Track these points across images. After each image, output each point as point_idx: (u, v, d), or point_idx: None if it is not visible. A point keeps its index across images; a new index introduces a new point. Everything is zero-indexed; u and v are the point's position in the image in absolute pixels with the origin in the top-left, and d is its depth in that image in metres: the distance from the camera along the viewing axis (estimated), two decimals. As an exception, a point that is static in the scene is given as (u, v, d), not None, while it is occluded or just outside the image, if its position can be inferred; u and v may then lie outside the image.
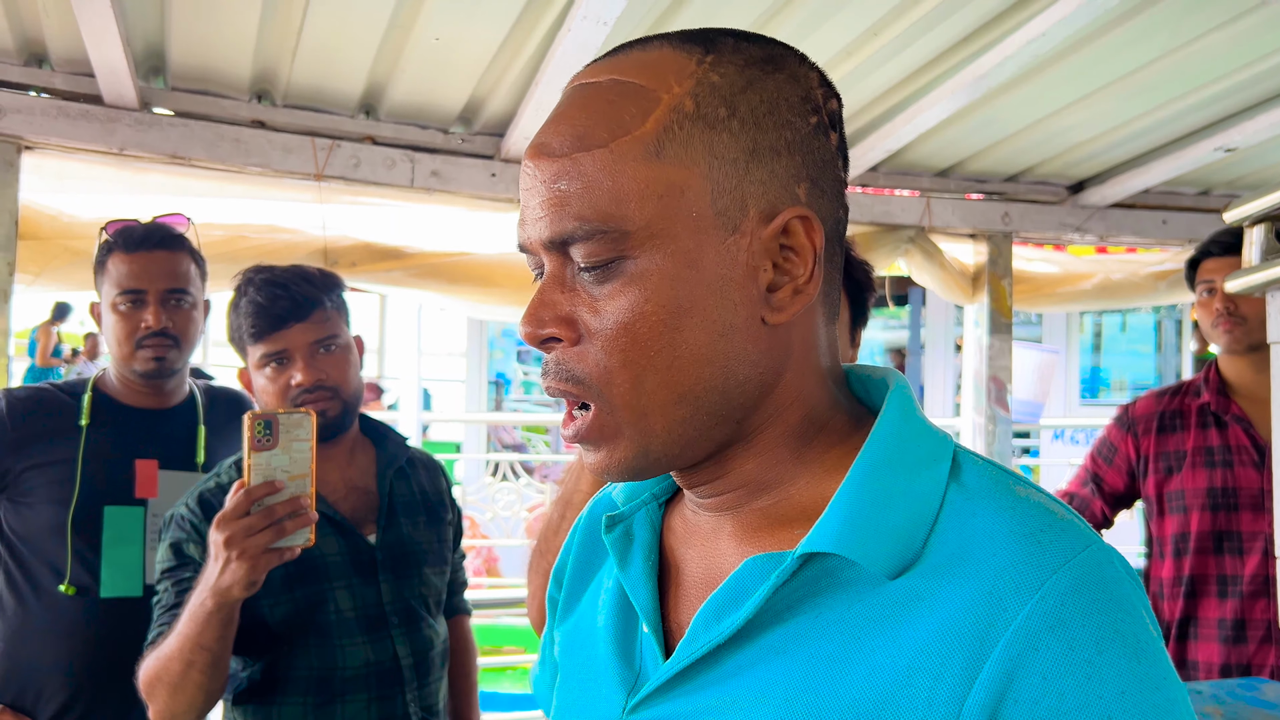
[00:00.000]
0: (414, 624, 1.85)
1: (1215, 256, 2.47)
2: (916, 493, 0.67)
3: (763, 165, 0.69)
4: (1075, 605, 0.60)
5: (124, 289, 2.05)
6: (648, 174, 0.67)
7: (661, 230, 0.67)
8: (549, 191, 0.69)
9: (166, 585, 1.74)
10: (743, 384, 0.70)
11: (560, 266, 0.70)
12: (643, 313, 0.67)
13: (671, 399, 0.69)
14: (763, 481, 0.73)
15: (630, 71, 0.70)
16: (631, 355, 0.68)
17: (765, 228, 0.69)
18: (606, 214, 0.67)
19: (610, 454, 0.71)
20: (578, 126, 0.69)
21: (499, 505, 6.43)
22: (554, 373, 0.71)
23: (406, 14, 2.43)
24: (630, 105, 0.68)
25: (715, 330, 0.68)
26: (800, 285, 0.70)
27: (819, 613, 0.66)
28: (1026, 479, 0.70)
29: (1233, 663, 2.35)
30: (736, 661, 0.68)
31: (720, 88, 0.69)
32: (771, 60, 0.71)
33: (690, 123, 0.68)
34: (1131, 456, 2.56)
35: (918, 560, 0.65)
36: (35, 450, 2.02)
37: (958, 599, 0.62)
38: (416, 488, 1.97)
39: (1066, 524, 0.64)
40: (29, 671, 2.03)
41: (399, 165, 2.96)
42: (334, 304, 1.85)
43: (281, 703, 1.75)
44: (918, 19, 2.48)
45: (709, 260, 0.68)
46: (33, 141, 2.64)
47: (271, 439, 1.54)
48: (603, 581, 0.85)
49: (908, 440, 0.70)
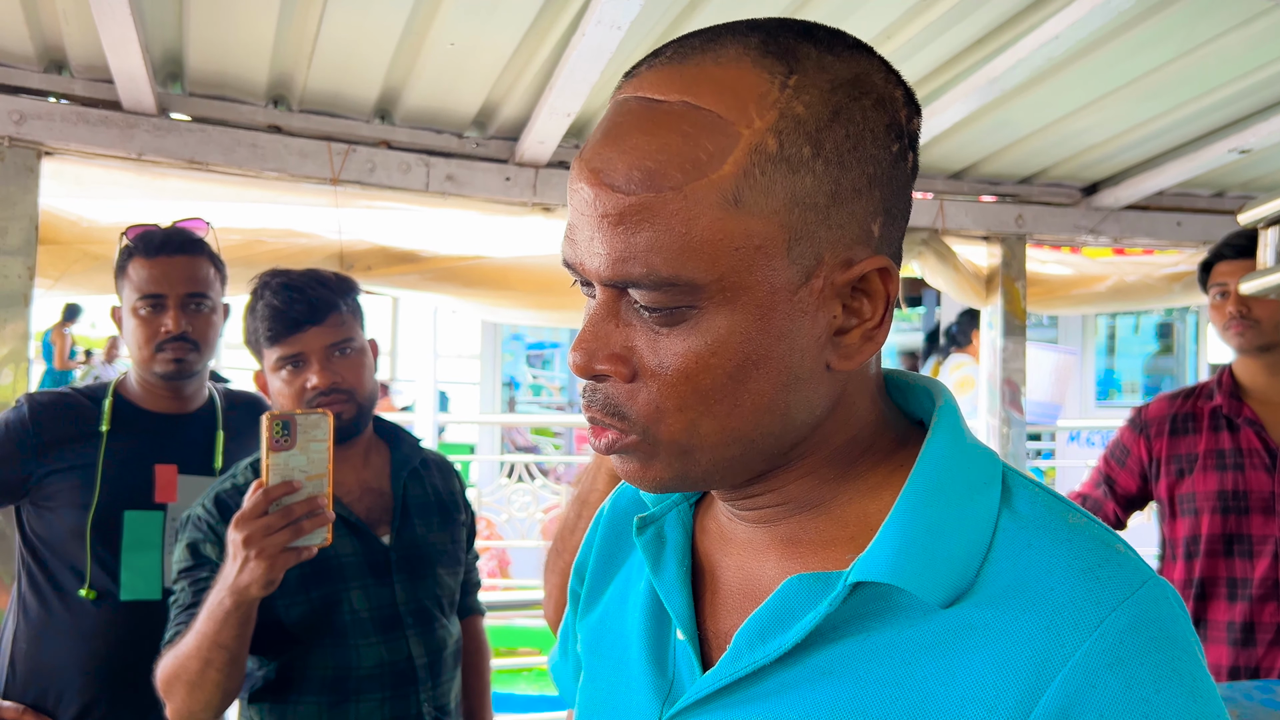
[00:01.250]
0: (428, 624, 1.86)
1: (1228, 259, 2.47)
2: (970, 520, 0.66)
3: (843, 208, 0.64)
4: (1134, 643, 0.60)
5: (144, 293, 2.07)
6: (724, 225, 0.62)
7: (735, 284, 0.63)
8: (611, 231, 0.63)
9: (183, 585, 1.75)
10: (799, 428, 0.68)
11: (615, 299, 0.66)
12: (708, 365, 0.64)
13: (724, 441, 0.67)
14: (807, 499, 0.72)
15: (705, 94, 0.63)
16: (690, 401, 0.65)
17: (841, 274, 0.65)
18: (677, 265, 0.62)
19: (645, 470, 0.69)
20: (647, 159, 0.62)
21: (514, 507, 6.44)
22: (600, 405, 0.67)
23: (422, 20, 2.44)
24: (707, 141, 0.62)
25: (781, 381, 0.65)
26: (870, 331, 0.67)
27: (868, 635, 0.65)
28: (1076, 506, 0.69)
29: (1241, 665, 2.35)
30: (781, 680, 0.67)
31: (805, 121, 0.63)
32: (858, 83, 0.65)
33: (773, 166, 0.62)
34: (1144, 459, 2.56)
35: (971, 590, 0.64)
36: (57, 455, 2.04)
37: (1014, 632, 0.61)
38: (430, 489, 1.98)
39: (1124, 559, 0.64)
40: (50, 673, 2.04)
41: (414, 169, 2.97)
42: (349, 307, 1.86)
43: (297, 702, 1.76)
44: (931, 22, 2.48)
45: (780, 311, 0.64)
46: (53, 147, 2.66)
47: (289, 439, 1.55)
48: (630, 579, 0.84)
49: (959, 463, 0.68)
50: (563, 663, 0.98)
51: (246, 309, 1.87)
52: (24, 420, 2.04)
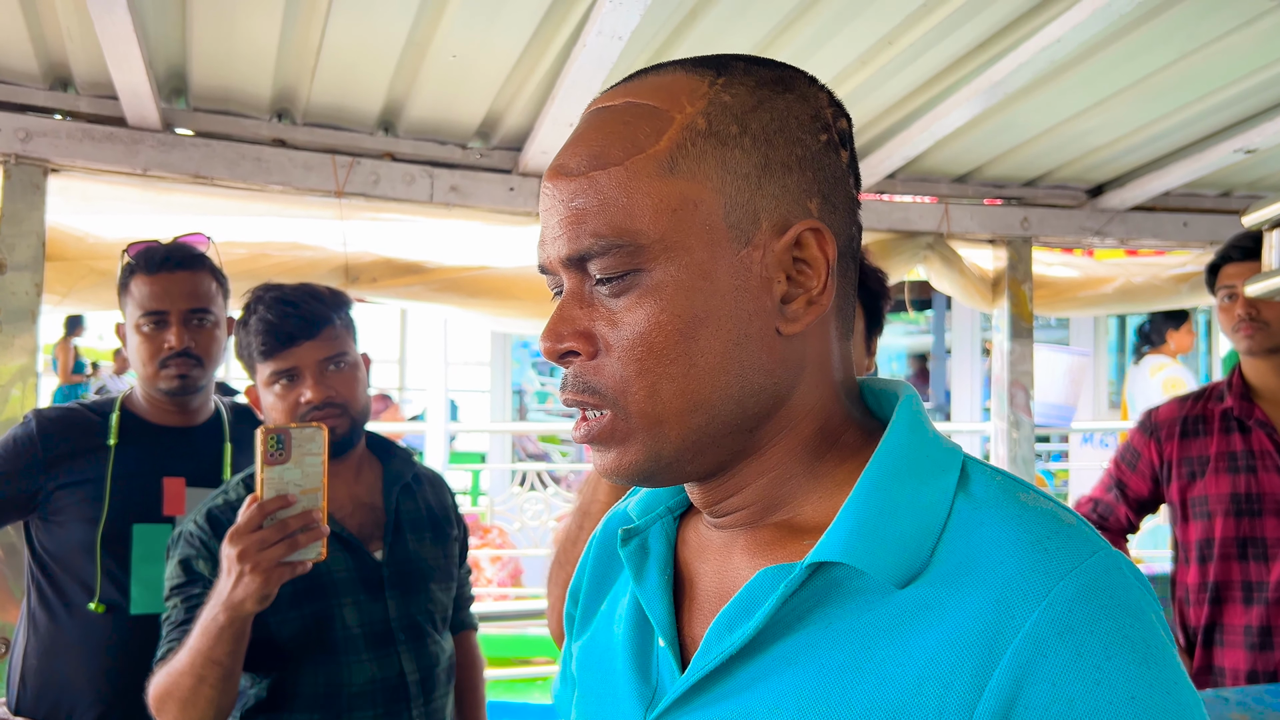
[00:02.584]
0: (420, 640, 1.86)
1: (1235, 261, 2.46)
2: (924, 502, 0.68)
3: (775, 180, 0.71)
4: (1083, 611, 0.60)
5: (146, 310, 2.08)
6: (662, 189, 0.69)
7: (676, 243, 0.69)
8: (566, 210, 0.71)
9: (176, 602, 1.75)
10: (757, 393, 0.71)
11: (579, 283, 0.72)
12: (658, 323, 0.69)
13: (687, 407, 0.70)
14: (776, 497, 0.74)
15: (644, 94, 0.73)
16: (648, 364, 0.70)
17: (778, 240, 0.71)
18: (622, 228, 0.69)
19: (621, 456, 0.72)
20: (594, 147, 0.71)
21: (526, 515, 6.44)
22: (572, 385, 0.73)
23: (424, 31, 2.45)
24: (644, 125, 0.71)
25: (730, 339, 0.70)
26: (814, 296, 0.71)
27: (829, 622, 0.67)
28: (1034, 486, 0.71)
29: (1259, 669, 2.33)
30: (749, 673, 0.69)
31: (732, 106, 0.71)
32: (781, 81, 0.73)
33: (703, 139, 0.70)
34: (1155, 462, 2.55)
35: (925, 569, 0.66)
36: (65, 470, 2.05)
37: (966, 607, 0.63)
38: (423, 504, 1.98)
39: (1073, 530, 0.65)
40: (61, 688, 2.05)
41: (418, 181, 2.98)
42: (343, 322, 1.87)
43: (289, 719, 1.76)
44: (933, 26, 2.48)
45: (723, 272, 0.69)
46: (58, 164, 2.68)
47: (284, 453, 1.55)
48: (619, 596, 0.86)
49: (915, 451, 0.71)
50: (563, 689, 0.98)
51: (239, 323, 1.87)
52: (32, 436, 2.06)
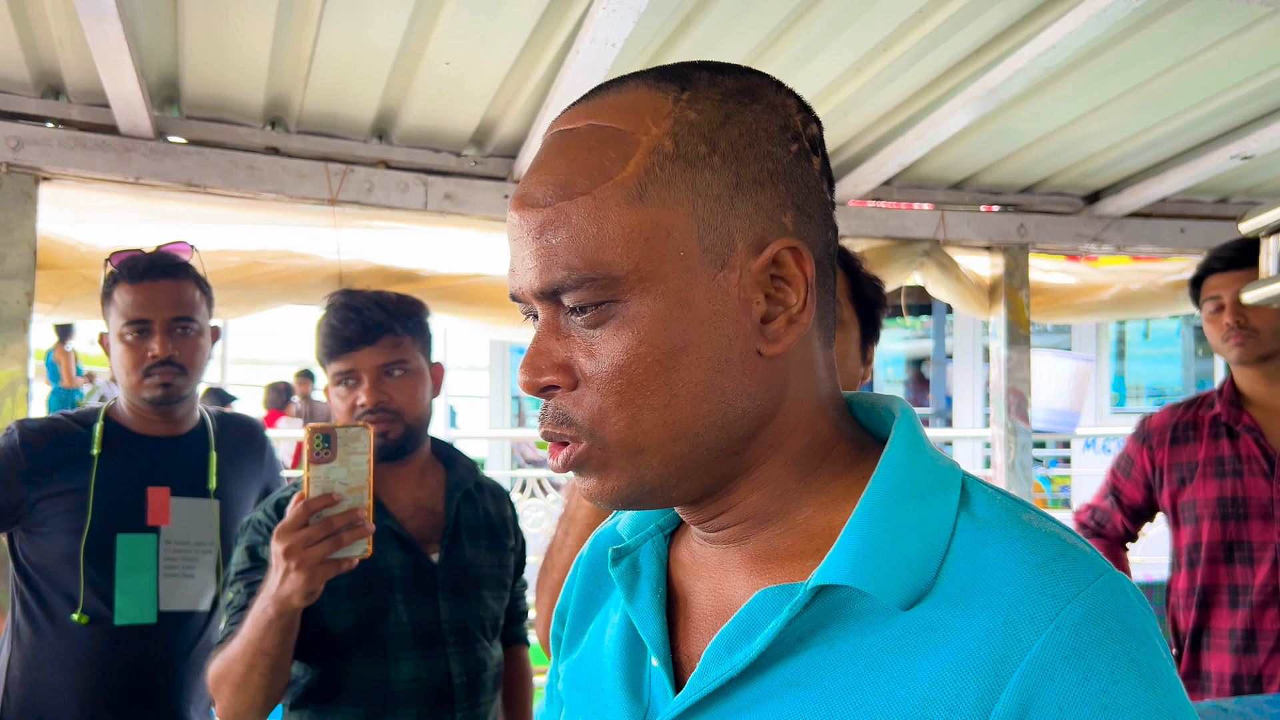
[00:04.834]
0: (469, 644, 1.89)
1: (1219, 272, 2.46)
2: (927, 523, 0.67)
3: (747, 198, 0.68)
4: (1090, 635, 0.60)
5: (129, 319, 2.07)
6: (632, 218, 0.67)
7: (650, 272, 0.67)
8: (536, 243, 0.69)
9: (239, 587, 1.80)
10: (741, 416, 0.70)
11: (554, 314, 0.70)
12: (637, 355, 0.67)
13: (669, 437, 0.69)
14: (769, 513, 0.73)
15: (607, 115, 0.70)
16: (628, 397, 0.68)
17: (755, 260, 0.69)
18: (594, 261, 0.67)
19: (602, 482, 0.71)
20: (559, 175, 0.69)
21: (528, 523, 6.42)
22: (550, 418, 0.71)
23: (417, 40, 2.44)
24: (609, 150, 0.68)
25: (711, 366, 0.68)
26: (794, 315, 0.70)
27: (832, 644, 0.66)
28: (1034, 506, 0.70)
29: (1243, 673, 2.34)
30: (749, 695, 0.68)
31: (698, 125, 0.69)
32: (748, 91, 0.71)
33: (671, 163, 0.68)
34: (1148, 469, 2.55)
35: (930, 591, 0.64)
36: (49, 480, 2.04)
37: (972, 630, 0.62)
38: (482, 512, 2.02)
39: (1078, 552, 0.64)
40: (45, 700, 2.03)
41: (412, 189, 2.98)
42: (406, 330, 1.90)
43: (335, 711, 1.80)
44: (928, 33, 2.48)
45: (700, 297, 0.68)
46: (50, 173, 2.67)
47: (329, 452, 1.57)
48: (608, 615, 0.84)
49: (916, 469, 0.69)
50: (549, 711, 0.97)
51: (316, 324, 1.94)
52: (15, 447, 2.04)
